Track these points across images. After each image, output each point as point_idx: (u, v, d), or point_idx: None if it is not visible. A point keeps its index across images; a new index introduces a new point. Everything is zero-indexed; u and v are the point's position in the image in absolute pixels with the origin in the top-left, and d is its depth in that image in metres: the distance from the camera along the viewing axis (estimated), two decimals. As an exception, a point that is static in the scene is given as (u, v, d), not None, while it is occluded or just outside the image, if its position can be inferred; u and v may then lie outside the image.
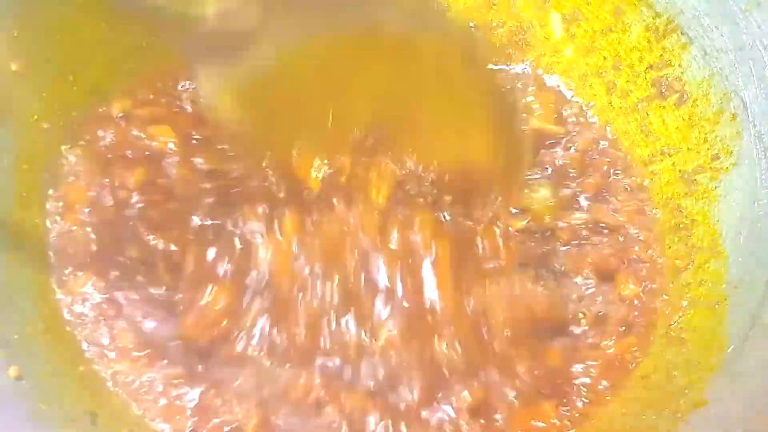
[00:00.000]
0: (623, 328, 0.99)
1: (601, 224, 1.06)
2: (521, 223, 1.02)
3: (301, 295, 0.94)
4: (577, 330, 0.99)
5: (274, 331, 0.93)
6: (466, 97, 0.93)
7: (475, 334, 0.94)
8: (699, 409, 0.88)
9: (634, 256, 1.05)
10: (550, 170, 1.09)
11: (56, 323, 0.96)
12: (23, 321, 0.92)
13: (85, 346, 0.96)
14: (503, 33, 1.19)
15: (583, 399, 0.95)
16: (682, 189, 1.06)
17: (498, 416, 0.92)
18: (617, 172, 1.11)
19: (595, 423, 0.93)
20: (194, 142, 1.07)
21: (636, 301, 1.02)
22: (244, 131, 0.92)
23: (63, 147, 1.05)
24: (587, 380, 0.96)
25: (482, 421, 0.91)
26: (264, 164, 0.92)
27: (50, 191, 1.03)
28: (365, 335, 0.92)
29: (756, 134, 0.99)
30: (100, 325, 0.97)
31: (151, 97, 1.12)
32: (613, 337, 0.99)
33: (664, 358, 0.96)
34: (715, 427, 0.86)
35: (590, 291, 1.02)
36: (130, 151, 1.06)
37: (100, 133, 1.07)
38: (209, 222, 1.00)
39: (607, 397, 0.95)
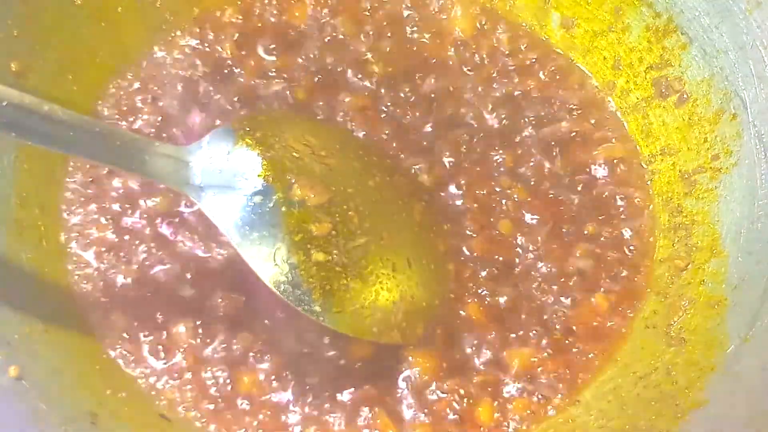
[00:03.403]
0: None
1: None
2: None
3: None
4: None
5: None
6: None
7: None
8: (699, 408, 0.88)
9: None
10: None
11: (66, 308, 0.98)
12: (23, 321, 0.92)
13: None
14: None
15: None
16: (682, 189, 1.06)
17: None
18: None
19: (596, 422, 0.94)
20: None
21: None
22: None
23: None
24: None
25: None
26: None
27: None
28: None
29: (756, 134, 0.99)
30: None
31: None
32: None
33: (664, 358, 0.96)
34: (715, 427, 0.86)
35: None
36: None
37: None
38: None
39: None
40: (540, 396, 0.97)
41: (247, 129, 0.96)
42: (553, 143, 1.11)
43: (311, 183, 0.93)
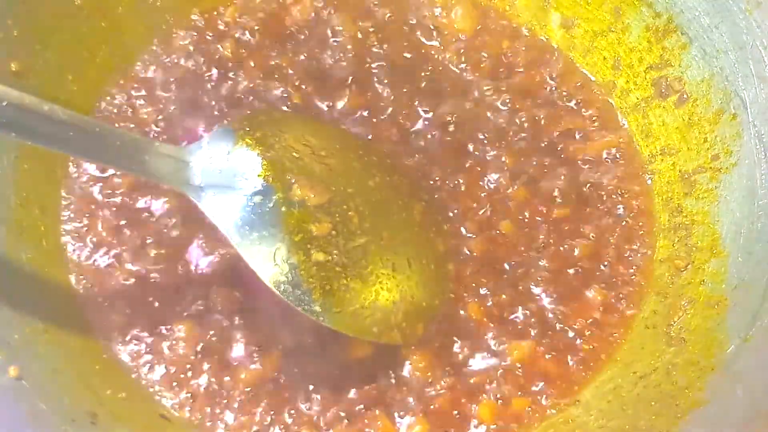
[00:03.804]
0: None
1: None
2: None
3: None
4: None
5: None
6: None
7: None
8: (699, 408, 0.88)
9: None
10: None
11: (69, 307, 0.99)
12: (23, 321, 0.92)
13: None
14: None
15: None
16: (682, 189, 1.06)
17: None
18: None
19: (596, 422, 0.94)
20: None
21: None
22: None
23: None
24: None
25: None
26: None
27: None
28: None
29: (756, 134, 0.99)
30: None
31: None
32: None
33: (664, 358, 0.96)
34: (715, 427, 0.86)
35: None
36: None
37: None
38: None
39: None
40: (540, 395, 0.97)
41: (247, 129, 0.96)
42: (553, 143, 1.11)
43: (311, 183, 0.93)
